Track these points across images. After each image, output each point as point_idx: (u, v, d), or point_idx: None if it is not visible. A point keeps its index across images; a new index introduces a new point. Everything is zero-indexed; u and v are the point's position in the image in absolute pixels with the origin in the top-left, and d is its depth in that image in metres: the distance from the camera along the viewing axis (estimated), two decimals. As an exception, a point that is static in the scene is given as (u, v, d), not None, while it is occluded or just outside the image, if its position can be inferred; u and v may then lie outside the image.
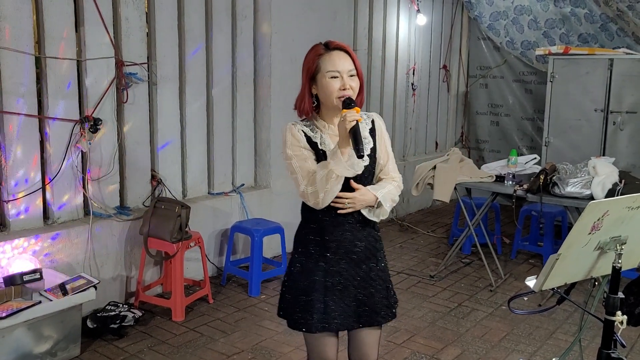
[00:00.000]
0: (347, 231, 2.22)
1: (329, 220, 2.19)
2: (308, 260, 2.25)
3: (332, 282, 2.22)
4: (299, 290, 2.25)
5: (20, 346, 3.16)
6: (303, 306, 2.23)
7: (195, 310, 4.15)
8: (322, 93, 2.14)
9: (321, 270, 2.22)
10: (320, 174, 2.05)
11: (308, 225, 2.26)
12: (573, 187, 4.28)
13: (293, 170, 2.13)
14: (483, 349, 3.71)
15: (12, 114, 3.57)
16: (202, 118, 4.74)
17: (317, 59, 2.13)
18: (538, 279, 1.74)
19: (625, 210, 1.66)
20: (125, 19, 4.08)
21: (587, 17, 6.38)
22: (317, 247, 2.23)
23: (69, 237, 3.81)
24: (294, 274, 2.29)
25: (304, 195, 2.10)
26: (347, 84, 2.10)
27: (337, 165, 2.02)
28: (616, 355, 1.74)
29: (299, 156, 2.12)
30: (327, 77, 2.10)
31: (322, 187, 2.05)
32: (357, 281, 2.25)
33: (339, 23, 5.69)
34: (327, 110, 2.19)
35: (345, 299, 2.23)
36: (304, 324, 2.24)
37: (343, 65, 2.11)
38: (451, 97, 7.87)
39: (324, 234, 2.21)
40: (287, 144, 2.15)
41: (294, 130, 2.16)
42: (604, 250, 1.75)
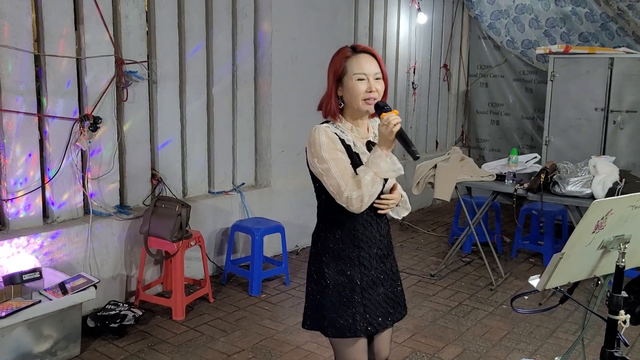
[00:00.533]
0: (375, 230, 2.23)
1: (360, 221, 2.18)
2: (342, 264, 2.20)
3: (367, 282, 2.21)
4: (339, 296, 2.19)
5: (20, 345, 3.16)
6: (346, 311, 2.18)
7: (196, 310, 4.15)
8: (348, 95, 2.14)
9: (357, 272, 2.20)
10: (366, 178, 2.02)
11: (337, 227, 2.20)
12: (574, 186, 4.28)
13: (332, 175, 2.05)
14: (484, 347, 3.71)
15: (12, 112, 3.56)
16: (202, 117, 4.73)
17: (344, 61, 2.14)
18: (542, 278, 1.74)
19: (629, 209, 1.66)
20: (125, 16, 4.07)
21: (588, 16, 6.37)
22: (350, 249, 2.20)
23: (68, 236, 3.80)
24: (329, 280, 2.20)
25: (348, 200, 2.04)
26: (373, 87, 2.11)
27: (382, 168, 2.02)
28: (619, 354, 1.73)
29: (337, 160, 2.06)
30: (354, 79, 2.11)
31: (367, 191, 2.02)
32: (385, 278, 2.27)
33: (339, 21, 5.68)
34: (352, 112, 2.18)
35: (378, 297, 2.23)
36: (349, 328, 2.18)
37: (369, 68, 2.12)
38: (451, 96, 7.86)
39: (356, 235, 2.19)
40: (322, 147, 2.07)
41: (329, 132, 2.10)
42: (607, 249, 1.75)
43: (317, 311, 2.25)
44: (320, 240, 2.25)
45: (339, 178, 2.05)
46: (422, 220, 6.78)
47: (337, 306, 2.19)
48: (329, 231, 2.22)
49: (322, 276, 2.22)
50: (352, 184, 2.04)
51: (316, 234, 2.28)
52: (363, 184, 2.02)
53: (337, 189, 2.06)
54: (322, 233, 2.25)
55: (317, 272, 2.25)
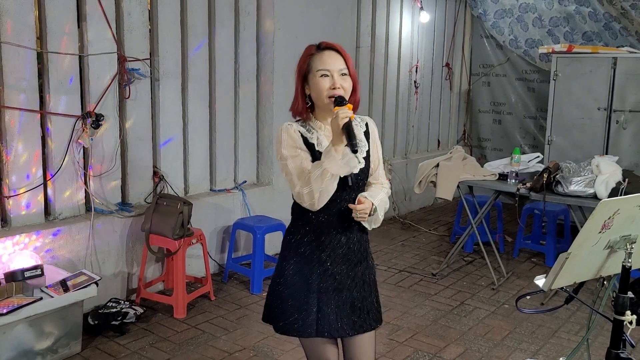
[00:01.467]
0: (342, 233, 2.18)
1: (325, 222, 2.15)
2: (302, 263, 2.18)
3: (326, 285, 2.17)
4: (292, 294, 2.18)
5: (21, 343, 3.15)
6: (298, 310, 2.16)
7: (197, 308, 4.14)
8: (313, 92, 2.13)
9: (315, 273, 2.16)
10: (315, 174, 2.01)
11: (301, 226, 2.20)
12: (576, 186, 4.26)
13: (288, 171, 2.09)
14: (486, 347, 3.70)
15: (14, 109, 3.55)
16: (204, 114, 4.72)
17: (308, 58, 2.14)
18: (547, 278, 1.73)
19: (636, 209, 1.65)
20: (127, 14, 4.06)
21: (591, 15, 6.36)
22: (311, 249, 2.17)
23: (70, 233, 3.80)
24: (286, 277, 2.20)
25: (300, 196, 2.05)
26: (337, 83, 2.08)
27: (332, 164, 1.99)
28: (625, 355, 1.72)
29: (294, 157, 2.08)
30: (317, 75, 2.10)
31: (317, 187, 2.01)
32: (352, 284, 2.21)
33: (342, 20, 5.67)
34: (321, 110, 2.17)
35: (339, 303, 2.18)
36: (299, 328, 2.17)
37: (334, 65, 2.10)
38: (453, 95, 7.85)
39: (319, 236, 2.16)
40: (282, 144, 2.10)
41: (290, 130, 2.12)
42: (613, 249, 1.74)
43: (272, 305, 2.25)
44: (286, 239, 2.27)
45: (293, 174, 2.07)
46: (424, 219, 6.77)
47: (289, 304, 2.18)
48: (294, 230, 2.23)
49: (282, 273, 2.23)
50: (304, 180, 2.04)
51: (287, 229, 2.30)
52: (312, 179, 2.01)
53: (291, 185, 2.09)
54: (290, 230, 2.27)
55: (278, 268, 2.27)
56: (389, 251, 5.58)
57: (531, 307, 4.28)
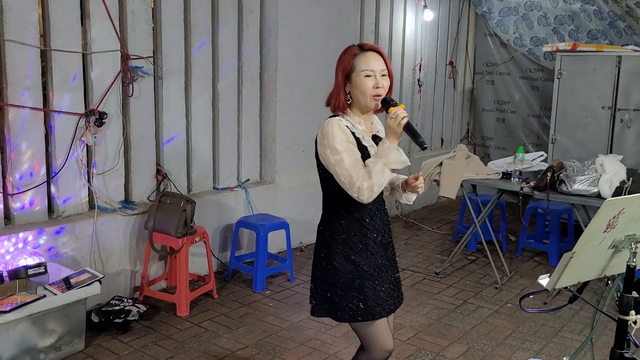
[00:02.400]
0: (379, 218, 2.34)
1: (367, 210, 2.28)
2: (351, 253, 2.28)
3: (374, 269, 2.30)
4: (349, 283, 2.27)
5: (25, 340, 3.16)
6: (357, 297, 2.26)
7: (200, 306, 4.14)
8: (356, 91, 2.23)
9: (365, 260, 2.28)
10: (376, 169, 2.11)
11: (345, 216, 2.28)
12: (580, 185, 4.25)
13: (344, 166, 2.12)
14: (489, 346, 3.69)
15: (18, 107, 3.55)
16: (207, 112, 4.72)
17: (352, 58, 2.24)
18: (551, 278, 1.72)
19: (640, 209, 1.64)
20: (131, 12, 4.06)
21: (596, 13, 6.33)
22: (358, 237, 2.28)
23: (73, 231, 3.80)
24: (339, 269, 2.27)
25: (359, 190, 2.11)
26: (380, 83, 2.21)
27: (390, 159, 2.11)
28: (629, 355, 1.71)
29: (349, 152, 2.14)
30: (362, 75, 2.20)
31: (377, 181, 2.11)
32: (388, 264, 2.38)
33: (345, 18, 5.66)
34: (360, 107, 2.27)
35: (385, 283, 2.33)
36: (363, 312, 2.25)
37: (376, 65, 2.22)
38: (457, 93, 7.83)
39: (363, 223, 2.28)
40: (335, 139, 2.14)
41: (342, 124, 2.18)
42: (618, 249, 1.73)
43: (328, 298, 2.32)
44: (328, 230, 2.32)
45: (351, 169, 2.12)
46: (427, 218, 6.76)
47: (348, 292, 2.26)
48: (336, 220, 2.30)
49: (331, 264, 2.29)
50: (363, 174, 2.11)
51: (323, 223, 2.36)
52: (373, 174, 2.10)
53: (349, 180, 2.12)
54: (329, 222, 2.33)
55: (325, 260, 2.32)
56: (392, 250, 5.57)
57: (534, 307, 4.27)
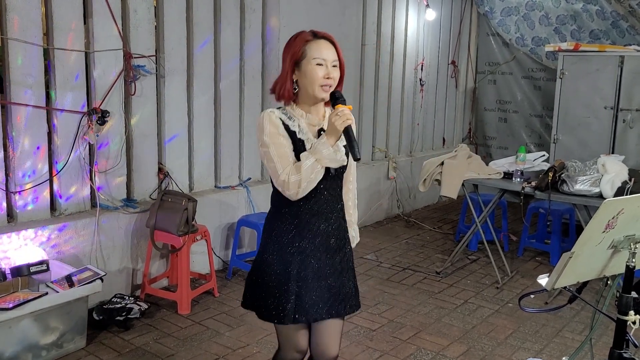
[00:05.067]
0: (322, 221, 2.21)
1: (305, 210, 2.17)
2: (282, 251, 2.20)
3: (306, 273, 2.20)
4: (272, 281, 2.21)
5: (27, 337, 3.17)
6: (276, 297, 2.20)
7: (201, 304, 4.15)
8: (304, 80, 2.12)
9: (296, 261, 2.19)
10: (306, 163, 2.03)
11: (282, 215, 2.20)
12: (582, 185, 4.25)
13: (270, 158, 2.08)
14: (489, 346, 3.70)
15: (20, 105, 3.56)
16: (209, 111, 4.73)
17: (303, 44, 2.12)
18: (550, 277, 1.72)
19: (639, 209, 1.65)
20: (133, 11, 4.07)
21: (599, 13, 6.32)
22: (292, 237, 2.18)
23: (75, 228, 3.81)
24: (266, 265, 2.23)
25: (285, 184, 2.05)
26: (330, 73, 2.11)
27: (324, 156, 2.03)
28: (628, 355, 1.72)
29: (277, 144, 2.08)
30: (313, 63, 2.10)
31: (306, 177, 2.03)
32: (331, 271, 2.24)
33: (347, 17, 5.66)
34: (306, 97, 2.17)
35: (318, 289, 2.21)
36: (277, 315, 2.20)
37: (329, 55, 2.12)
38: (459, 93, 7.83)
39: (299, 224, 2.17)
40: (264, 131, 2.09)
41: (272, 117, 2.11)
42: (617, 249, 1.73)
43: (254, 293, 2.28)
44: (266, 226, 2.27)
45: (276, 162, 2.06)
46: (428, 218, 6.76)
47: (271, 292, 2.21)
48: (274, 218, 2.23)
49: (263, 261, 2.24)
50: (291, 167, 2.05)
51: (267, 217, 2.30)
52: (303, 168, 2.03)
53: (274, 172, 2.08)
54: (270, 217, 2.27)
55: (259, 255, 2.29)
56: (393, 249, 5.58)
57: (536, 307, 4.27)
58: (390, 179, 6.60)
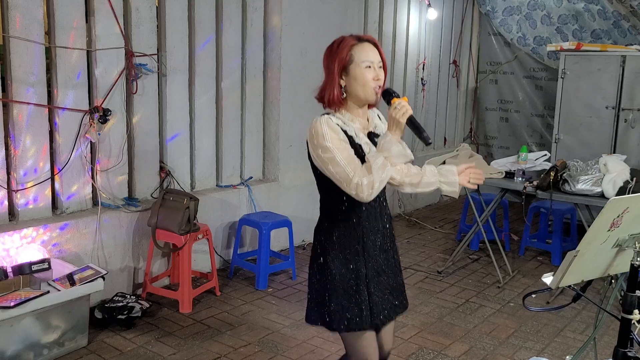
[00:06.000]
0: (379, 220, 2.23)
1: (365, 212, 2.17)
2: (348, 255, 2.18)
3: (372, 274, 2.21)
4: (344, 286, 2.16)
5: (29, 335, 3.17)
6: (351, 302, 2.16)
7: (203, 303, 4.15)
8: (355, 84, 2.11)
9: (362, 263, 2.18)
10: (376, 163, 1.99)
11: (342, 220, 2.17)
12: (584, 185, 4.25)
13: (337, 163, 2.00)
14: (491, 345, 3.69)
15: (22, 103, 3.56)
16: (211, 110, 4.73)
17: (350, 49, 2.12)
18: (555, 276, 1.72)
19: (644, 208, 1.64)
20: (135, 9, 4.07)
21: (600, 13, 6.32)
22: (355, 241, 2.17)
23: (77, 227, 3.81)
24: (337, 272, 2.17)
25: (358, 187, 1.98)
26: (379, 75, 2.12)
27: (394, 153, 2.01)
28: (633, 354, 1.72)
29: (341, 149, 2.02)
30: (363, 66, 2.09)
31: (378, 177, 1.99)
32: (388, 269, 2.28)
33: (349, 16, 5.66)
34: (355, 101, 2.15)
35: (383, 289, 2.24)
36: (355, 321, 2.16)
37: (374, 57, 2.13)
38: (461, 92, 7.83)
39: (361, 226, 2.17)
40: (325, 137, 2.03)
41: (331, 122, 2.06)
42: (622, 248, 1.73)
43: (323, 305, 2.21)
44: (324, 234, 2.22)
45: (345, 165, 2.00)
46: (430, 217, 6.76)
47: (344, 299, 2.16)
48: (333, 224, 2.19)
49: (327, 269, 2.18)
50: (361, 169, 2.01)
51: (319, 227, 2.25)
52: (374, 168, 1.99)
53: (344, 176, 2.01)
54: (325, 226, 2.22)
55: (321, 265, 2.21)
56: (395, 248, 5.57)
57: (537, 306, 4.26)
58: (392, 179, 6.59)
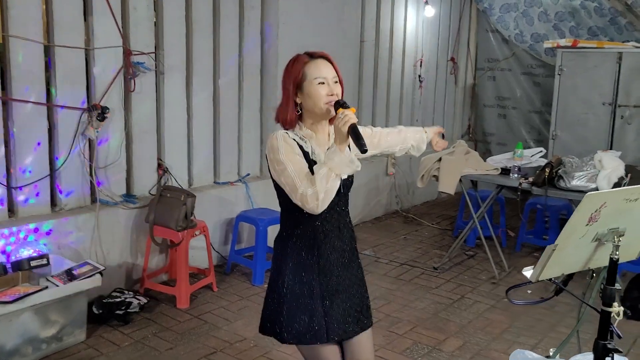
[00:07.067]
0: (337, 237, 2.20)
1: (320, 227, 2.16)
2: (301, 271, 2.16)
3: (328, 290, 2.18)
4: (297, 303, 2.15)
5: (27, 330, 3.21)
6: (305, 318, 2.14)
7: (200, 298, 4.20)
8: (308, 101, 2.13)
9: (315, 280, 2.16)
10: (320, 174, 2.00)
11: (297, 235, 2.17)
12: (579, 181, 4.28)
13: (288, 175, 2.04)
14: (485, 340, 3.73)
15: (21, 101, 3.60)
16: (208, 108, 4.76)
17: (302, 66, 2.13)
18: (535, 269, 1.76)
19: (623, 202, 1.67)
20: (133, 8, 4.10)
21: (597, 10, 6.33)
22: (309, 256, 2.16)
23: (76, 223, 3.86)
24: (286, 287, 2.16)
25: (303, 198, 2.00)
26: (333, 90, 2.12)
27: (336, 163, 2.00)
28: (612, 346, 1.75)
29: (293, 161, 2.05)
30: (315, 83, 2.11)
31: (322, 187, 1.99)
32: (349, 285, 2.25)
33: (346, 14, 5.68)
34: (312, 118, 2.18)
35: (342, 305, 2.21)
36: (309, 336, 2.14)
37: (328, 73, 2.13)
38: (459, 89, 7.85)
39: (315, 242, 2.16)
40: (280, 151, 2.06)
41: (287, 138, 2.10)
42: (601, 242, 1.76)
43: (274, 317, 2.20)
44: (281, 247, 2.22)
45: (294, 177, 2.03)
46: (427, 213, 6.79)
47: (295, 312, 2.15)
48: (289, 237, 2.19)
49: (281, 282, 2.17)
50: (307, 181, 2.02)
51: (277, 239, 2.25)
52: (317, 179, 2.00)
53: (292, 187, 2.04)
54: (283, 239, 2.22)
55: (275, 278, 2.21)
56: (391, 244, 5.62)
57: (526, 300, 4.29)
58: (389, 175, 6.63)
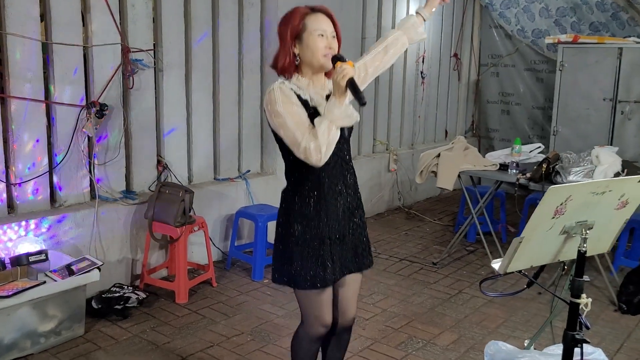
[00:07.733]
0: (341, 182, 2.29)
1: (325, 175, 2.23)
2: (309, 220, 2.24)
3: (333, 237, 2.27)
4: (306, 250, 2.25)
5: (26, 324, 3.27)
6: (315, 263, 2.24)
7: (199, 293, 4.24)
8: (307, 51, 2.19)
9: (325, 226, 2.25)
10: (321, 127, 2.05)
11: (303, 184, 2.24)
12: (575, 176, 4.27)
13: (288, 128, 2.08)
14: (480, 334, 3.75)
15: (20, 99, 3.66)
16: (208, 104, 4.80)
17: (303, 18, 2.21)
18: (502, 261, 1.78)
19: (590, 196, 1.69)
20: (131, 5, 4.14)
21: (599, 5, 6.29)
22: (316, 206, 2.24)
23: (75, 220, 3.92)
24: (299, 235, 2.25)
25: (306, 151, 2.06)
26: (331, 44, 2.19)
27: (336, 116, 2.06)
28: (580, 336, 1.77)
29: (292, 113, 2.09)
30: (315, 34, 2.18)
31: (324, 141, 2.05)
32: (351, 231, 2.34)
33: (347, 11, 5.70)
34: (310, 69, 2.23)
35: (345, 248, 2.32)
36: (317, 279, 2.24)
37: (327, 27, 2.22)
38: (462, 85, 7.84)
39: (321, 192, 2.23)
40: (277, 102, 2.10)
41: (284, 88, 2.14)
42: (570, 235, 1.78)
43: (286, 265, 2.30)
44: (287, 198, 2.30)
45: (295, 130, 2.08)
46: (429, 210, 6.80)
47: (306, 259, 2.25)
48: (295, 189, 2.27)
49: (291, 232, 2.27)
50: (309, 134, 2.07)
51: (284, 192, 2.33)
52: (319, 133, 2.05)
53: (293, 141, 2.09)
54: (289, 191, 2.30)
55: (285, 229, 2.30)
56: (392, 240, 5.64)
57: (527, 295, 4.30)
58: (391, 171, 6.64)
